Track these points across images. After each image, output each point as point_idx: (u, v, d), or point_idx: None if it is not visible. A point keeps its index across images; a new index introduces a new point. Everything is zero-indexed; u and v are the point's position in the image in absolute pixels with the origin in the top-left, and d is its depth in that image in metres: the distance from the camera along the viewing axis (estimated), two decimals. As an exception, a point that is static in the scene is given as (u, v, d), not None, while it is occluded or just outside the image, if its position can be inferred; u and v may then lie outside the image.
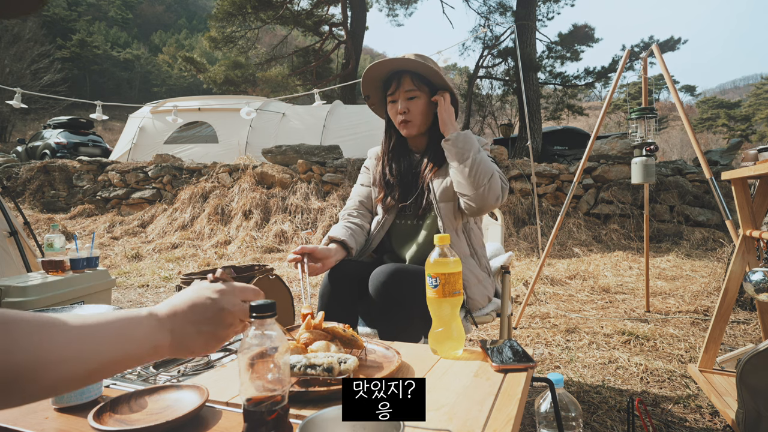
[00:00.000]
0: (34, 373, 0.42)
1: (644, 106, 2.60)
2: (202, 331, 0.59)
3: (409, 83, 1.40)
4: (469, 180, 1.28)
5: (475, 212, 1.33)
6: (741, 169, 1.49)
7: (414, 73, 1.40)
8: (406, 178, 1.47)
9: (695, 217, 5.50)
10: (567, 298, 3.22)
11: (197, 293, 0.61)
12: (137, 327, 0.54)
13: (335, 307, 1.30)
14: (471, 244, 1.43)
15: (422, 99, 1.41)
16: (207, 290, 0.62)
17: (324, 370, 0.74)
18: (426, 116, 1.43)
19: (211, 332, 0.60)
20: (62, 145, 11.27)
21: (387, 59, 1.39)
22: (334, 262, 1.31)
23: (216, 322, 0.60)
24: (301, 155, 6.72)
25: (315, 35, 12.79)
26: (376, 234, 1.48)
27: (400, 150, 1.52)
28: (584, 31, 12.21)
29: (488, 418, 0.64)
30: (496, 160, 1.52)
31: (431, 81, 1.42)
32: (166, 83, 40.85)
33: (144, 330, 0.55)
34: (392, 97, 1.43)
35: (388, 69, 1.42)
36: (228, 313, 0.61)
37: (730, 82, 72.92)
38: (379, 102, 1.54)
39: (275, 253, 5.26)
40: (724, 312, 1.63)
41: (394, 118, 1.45)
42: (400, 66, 1.40)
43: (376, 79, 1.47)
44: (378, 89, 1.51)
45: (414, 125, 1.42)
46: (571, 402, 0.98)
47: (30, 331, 0.43)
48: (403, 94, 1.40)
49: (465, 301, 1.32)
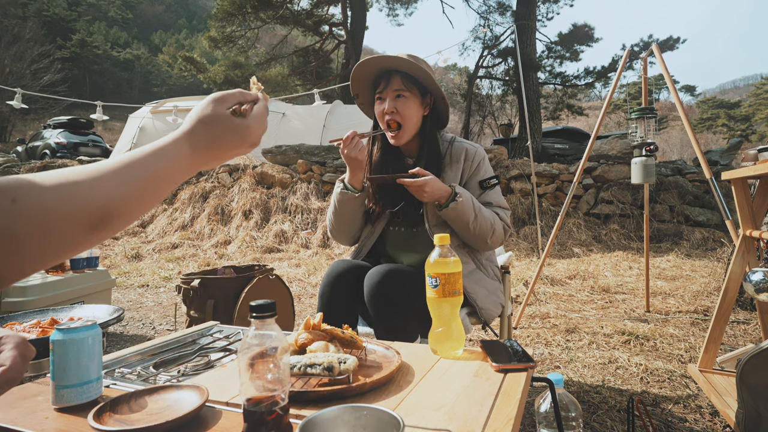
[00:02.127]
0: (118, 210, 0.49)
1: (644, 106, 2.60)
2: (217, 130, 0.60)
3: (398, 82, 1.35)
4: (472, 239, 1.34)
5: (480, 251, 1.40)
6: (741, 169, 1.49)
7: (404, 74, 1.36)
8: (400, 188, 1.38)
9: (695, 217, 5.50)
10: (567, 298, 3.22)
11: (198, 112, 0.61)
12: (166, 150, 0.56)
13: (335, 307, 1.30)
14: (474, 256, 1.40)
15: (411, 100, 1.36)
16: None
17: (324, 369, 0.74)
18: (415, 119, 1.38)
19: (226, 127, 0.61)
20: (62, 145, 11.27)
21: (377, 56, 1.34)
22: (363, 160, 1.35)
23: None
24: (301, 155, 6.72)
25: (315, 35, 12.80)
26: (367, 240, 1.46)
27: (391, 153, 1.45)
28: (584, 30, 12.22)
29: (488, 418, 0.64)
30: (499, 178, 1.49)
31: (422, 83, 1.38)
32: (166, 83, 40.87)
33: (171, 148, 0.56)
34: (380, 95, 1.38)
35: (378, 67, 1.38)
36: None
37: (730, 82, 72.94)
38: (368, 102, 1.50)
39: (275, 253, 5.26)
40: (724, 312, 1.63)
41: (380, 118, 1.39)
42: (390, 64, 1.35)
43: (365, 78, 1.43)
44: (367, 88, 1.47)
45: (403, 132, 1.36)
46: (571, 402, 0.98)
47: (110, 176, 0.49)
48: (392, 93, 1.36)
49: (479, 312, 1.31)
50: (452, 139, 1.47)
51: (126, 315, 3.07)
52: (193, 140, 0.58)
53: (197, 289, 1.88)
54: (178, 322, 2.67)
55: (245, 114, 0.63)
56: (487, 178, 1.42)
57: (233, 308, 1.91)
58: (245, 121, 0.62)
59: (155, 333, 2.71)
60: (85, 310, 1.58)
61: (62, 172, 0.47)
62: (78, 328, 0.72)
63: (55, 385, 0.71)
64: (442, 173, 1.39)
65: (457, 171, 1.40)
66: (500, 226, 1.34)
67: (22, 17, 29.70)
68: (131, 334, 2.70)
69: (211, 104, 0.60)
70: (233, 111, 0.61)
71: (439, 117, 1.46)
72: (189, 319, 1.92)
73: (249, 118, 0.63)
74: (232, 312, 1.90)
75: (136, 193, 0.51)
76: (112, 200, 0.48)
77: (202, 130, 0.59)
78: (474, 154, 1.42)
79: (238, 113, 0.62)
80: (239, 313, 1.90)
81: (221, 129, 0.60)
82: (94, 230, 0.47)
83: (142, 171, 0.52)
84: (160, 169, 0.53)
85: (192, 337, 1.11)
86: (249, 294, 1.94)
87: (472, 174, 1.42)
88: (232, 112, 0.61)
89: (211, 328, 1.19)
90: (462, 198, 1.26)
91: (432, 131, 1.43)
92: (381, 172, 1.44)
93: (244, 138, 0.62)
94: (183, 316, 1.97)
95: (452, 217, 1.28)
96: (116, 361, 0.94)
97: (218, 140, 0.60)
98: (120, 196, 0.49)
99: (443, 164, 1.41)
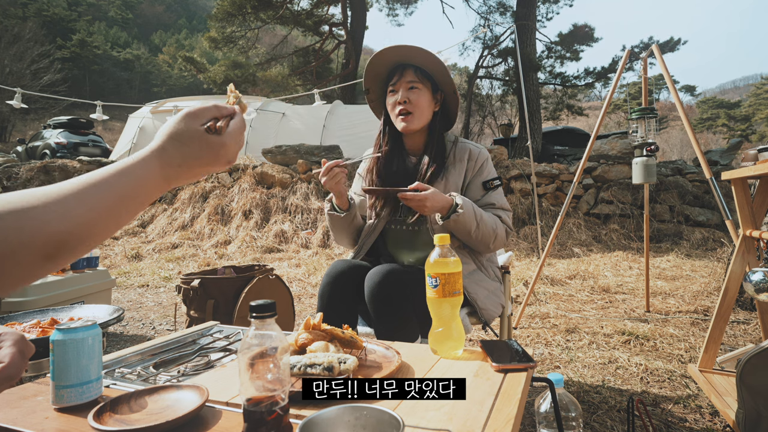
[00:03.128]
0: (80, 236, 0.46)
1: (644, 106, 2.60)
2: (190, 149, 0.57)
3: (411, 75, 1.38)
4: (474, 245, 1.34)
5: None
6: (741, 169, 1.49)
7: (417, 67, 1.38)
8: (399, 183, 1.40)
9: (695, 217, 5.50)
10: (567, 298, 3.22)
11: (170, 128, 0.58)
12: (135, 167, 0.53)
13: (335, 306, 1.29)
14: (475, 256, 1.40)
15: (424, 92, 1.38)
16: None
17: (324, 369, 0.74)
18: (427, 111, 1.40)
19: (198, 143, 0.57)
20: (62, 145, 11.26)
21: (393, 46, 1.36)
22: (345, 188, 1.39)
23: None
24: (301, 155, 6.72)
25: (315, 35, 12.79)
26: (367, 238, 1.46)
27: (395, 151, 1.47)
28: (584, 31, 12.23)
29: (488, 418, 0.64)
30: (501, 179, 1.49)
31: (435, 77, 1.40)
32: (166, 83, 40.86)
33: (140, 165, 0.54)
34: (393, 87, 1.40)
35: (395, 59, 1.40)
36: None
37: (730, 82, 72.93)
38: (379, 99, 1.51)
39: (275, 253, 5.26)
40: (724, 312, 1.63)
41: (392, 111, 1.41)
42: (407, 56, 1.38)
43: (380, 72, 1.45)
44: (380, 83, 1.48)
45: (414, 118, 1.37)
46: (571, 402, 0.98)
47: (68, 200, 0.46)
48: (405, 85, 1.38)
49: (479, 313, 1.31)
50: (456, 140, 1.48)
51: (126, 315, 3.07)
52: (163, 158, 0.55)
53: (197, 289, 1.88)
54: (178, 322, 2.67)
55: (221, 131, 0.59)
56: (490, 179, 1.42)
57: (233, 308, 1.91)
58: (221, 138, 0.59)
59: (155, 333, 2.71)
60: (85, 310, 1.57)
61: (20, 195, 0.44)
62: (78, 328, 0.72)
63: (55, 385, 0.70)
64: (445, 173, 1.40)
65: (460, 171, 1.41)
66: (502, 230, 1.35)
67: (22, 17, 29.73)
68: (131, 334, 2.70)
69: (183, 120, 0.57)
70: (208, 128, 0.58)
71: (448, 116, 1.48)
72: (189, 319, 1.92)
73: (225, 135, 0.59)
74: (232, 312, 1.90)
75: (101, 217, 0.48)
76: (73, 226, 0.45)
77: (174, 147, 0.56)
78: (478, 155, 1.43)
79: (213, 130, 0.59)
80: (239, 313, 1.90)
81: (194, 146, 0.57)
82: (51, 259, 0.44)
83: (107, 192, 0.49)
84: (127, 189, 0.51)
85: (192, 337, 1.11)
86: (249, 294, 1.94)
87: (475, 174, 1.42)
88: (207, 129, 0.58)
89: (211, 328, 1.19)
90: (463, 209, 1.24)
91: (440, 128, 1.44)
92: (384, 169, 1.44)
93: (218, 156, 0.59)
94: (183, 316, 1.97)
95: (454, 227, 1.27)
96: (116, 361, 0.94)
97: (191, 158, 0.57)
98: (82, 221, 0.46)
99: (446, 164, 1.41)
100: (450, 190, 1.37)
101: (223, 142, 0.59)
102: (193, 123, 0.58)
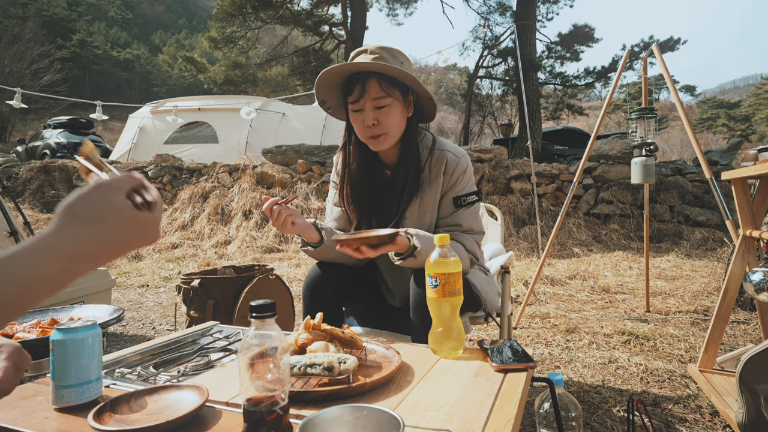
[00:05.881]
0: None
1: (644, 106, 2.60)
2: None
3: (376, 89, 1.18)
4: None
5: None
6: (741, 169, 1.49)
7: (381, 75, 1.18)
8: (377, 203, 1.29)
9: (695, 217, 5.50)
10: (567, 298, 3.22)
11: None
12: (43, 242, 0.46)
13: (319, 308, 1.25)
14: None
15: (394, 107, 1.20)
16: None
17: (324, 369, 0.74)
18: (399, 126, 1.23)
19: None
20: (62, 145, 11.26)
21: (344, 65, 1.17)
22: (301, 225, 1.23)
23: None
24: (301, 155, 6.72)
25: (315, 35, 12.78)
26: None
27: (368, 165, 1.31)
28: (584, 31, 12.22)
29: (488, 418, 0.64)
30: (480, 193, 1.31)
31: (405, 82, 1.22)
32: (166, 83, 40.85)
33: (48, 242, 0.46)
34: (355, 106, 1.21)
35: (349, 69, 1.20)
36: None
37: (730, 82, 72.90)
38: (337, 106, 1.33)
39: (275, 253, 5.26)
40: (724, 312, 1.63)
41: (360, 132, 1.23)
42: (366, 67, 1.18)
43: (333, 84, 1.25)
44: (335, 92, 1.29)
45: (387, 138, 1.21)
46: (571, 402, 0.98)
47: None
48: (371, 103, 1.18)
49: (484, 305, 1.27)
50: (433, 145, 1.30)
51: (126, 315, 3.07)
52: (72, 248, 0.46)
53: (197, 289, 1.88)
54: (178, 322, 2.67)
55: (152, 206, 0.53)
56: (463, 195, 1.27)
57: (233, 308, 1.91)
58: (152, 214, 0.52)
59: (155, 333, 2.71)
60: (85, 310, 1.57)
61: None
62: (78, 328, 0.72)
63: (55, 385, 0.71)
64: (420, 191, 1.27)
65: (436, 190, 1.27)
66: (467, 261, 1.21)
67: (22, 17, 29.72)
68: (131, 334, 2.70)
69: (99, 194, 0.49)
70: (136, 204, 0.51)
71: (423, 112, 1.32)
72: (189, 319, 1.92)
73: (155, 210, 0.53)
74: (232, 312, 1.90)
75: None
76: None
77: (90, 230, 0.47)
78: (455, 166, 1.27)
79: (143, 206, 0.52)
80: (239, 313, 1.90)
81: (119, 226, 0.48)
82: None
83: None
84: (13, 292, 0.43)
85: (192, 337, 1.11)
86: (249, 294, 1.94)
87: (449, 189, 1.27)
88: (138, 205, 0.51)
89: (211, 328, 1.19)
90: (419, 255, 1.12)
91: (415, 136, 1.29)
92: (358, 182, 1.32)
93: (146, 235, 0.51)
94: (183, 316, 1.97)
95: (410, 264, 1.16)
96: (116, 361, 0.94)
97: (113, 242, 0.48)
98: None
99: (422, 179, 1.27)
100: (425, 211, 1.27)
101: (154, 218, 0.52)
102: (115, 197, 0.49)
